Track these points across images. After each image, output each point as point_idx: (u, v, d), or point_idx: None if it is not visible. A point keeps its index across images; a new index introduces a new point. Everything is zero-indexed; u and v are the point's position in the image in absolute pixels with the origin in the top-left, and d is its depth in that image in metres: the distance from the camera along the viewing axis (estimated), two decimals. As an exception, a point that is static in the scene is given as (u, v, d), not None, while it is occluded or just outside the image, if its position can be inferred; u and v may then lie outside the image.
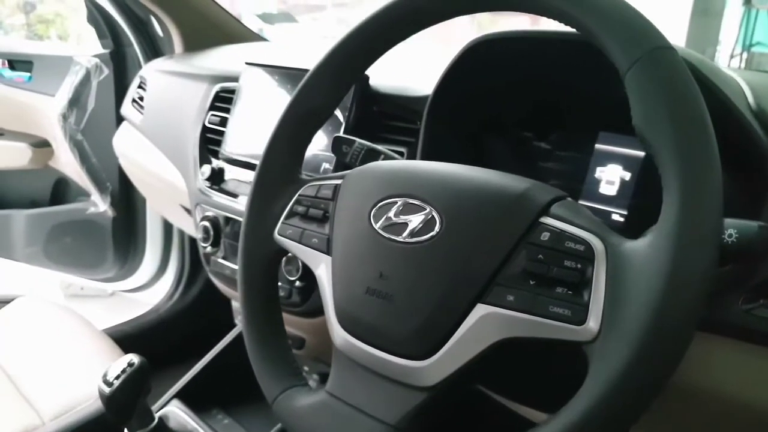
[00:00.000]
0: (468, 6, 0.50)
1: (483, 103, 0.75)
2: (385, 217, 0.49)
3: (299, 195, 0.59)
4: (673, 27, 4.85)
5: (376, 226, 0.49)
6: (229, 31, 1.50)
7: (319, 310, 0.85)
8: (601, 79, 0.65)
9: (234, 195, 0.95)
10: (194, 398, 0.99)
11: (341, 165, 0.82)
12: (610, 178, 0.67)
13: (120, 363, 0.79)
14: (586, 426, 0.38)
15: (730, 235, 0.44)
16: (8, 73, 1.70)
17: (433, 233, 0.46)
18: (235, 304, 1.06)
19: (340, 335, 0.52)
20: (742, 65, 4.73)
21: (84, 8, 1.63)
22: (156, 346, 1.59)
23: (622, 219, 0.66)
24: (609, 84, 0.65)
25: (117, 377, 0.78)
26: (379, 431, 0.47)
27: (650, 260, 0.38)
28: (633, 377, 0.37)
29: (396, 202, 0.49)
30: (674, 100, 0.39)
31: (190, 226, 1.34)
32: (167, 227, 1.76)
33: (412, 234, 0.47)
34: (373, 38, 0.56)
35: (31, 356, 1.08)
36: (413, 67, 0.91)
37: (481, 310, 0.43)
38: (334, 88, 0.59)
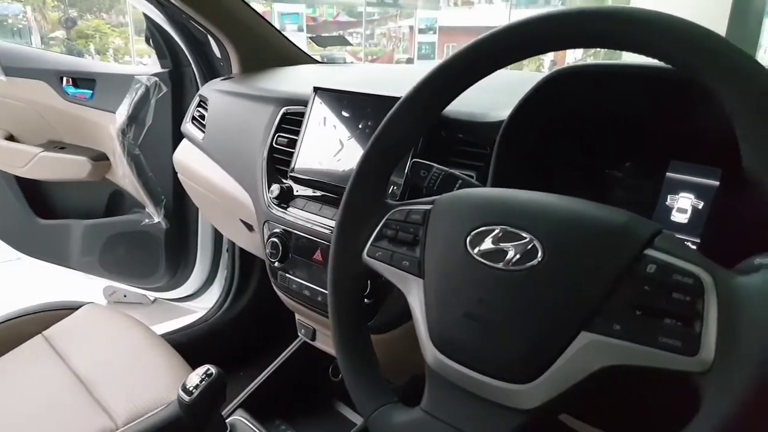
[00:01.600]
0: (567, 44, 0.52)
1: (556, 131, 0.77)
2: (482, 243, 0.52)
3: (387, 219, 0.61)
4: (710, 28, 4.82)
5: (473, 253, 0.52)
6: (284, 53, 1.56)
7: (384, 327, 0.89)
8: (673, 110, 0.68)
9: (302, 212, 0.99)
10: (257, 408, 1.02)
11: (413, 188, 0.85)
12: (682, 206, 0.69)
13: (198, 372, 0.84)
14: None
15: None
16: (72, 90, 1.78)
17: (534, 262, 0.49)
18: (299, 318, 1.10)
19: (434, 355, 0.54)
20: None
21: (121, 24, 1.70)
22: (205, 354, 1.63)
23: (694, 247, 0.67)
24: (682, 115, 0.67)
25: (196, 386, 0.82)
26: None
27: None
28: (754, 408, 0.38)
29: (494, 230, 0.52)
30: None
31: (245, 239, 1.40)
32: (217, 240, 1.82)
33: (513, 262, 0.49)
34: (462, 73, 0.58)
35: (101, 361, 1.13)
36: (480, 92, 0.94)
37: (585, 338, 0.45)
38: (420, 120, 0.62)
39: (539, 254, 0.49)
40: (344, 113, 0.98)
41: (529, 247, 0.49)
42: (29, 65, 1.79)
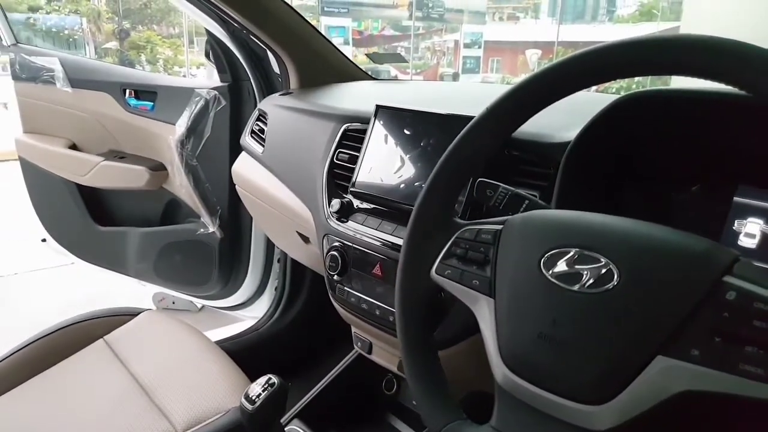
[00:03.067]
0: (643, 70, 0.53)
1: (622, 154, 0.77)
2: (557, 265, 0.52)
3: (456, 237, 0.62)
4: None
5: (547, 274, 0.52)
6: (341, 69, 1.59)
7: (444, 344, 0.89)
8: (742, 135, 0.67)
9: (361, 227, 1.00)
10: (313, 418, 1.04)
11: (473, 207, 0.86)
12: (750, 231, 0.68)
13: (260, 382, 0.85)
14: None
15: None
16: (134, 101, 1.85)
17: (609, 286, 0.49)
18: (356, 331, 1.11)
19: (504, 374, 0.55)
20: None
21: (171, 36, 1.76)
22: (256, 362, 1.66)
23: None
24: (751, 139, 0.67)
25: (258, 395, 0.84)
26: None
27: None
28: None
29: (569, 252, 0.52)
30: None
31: (298, 251, 1.42)
32: (269, 251, 1.85)
33: (588, 285, 0.50)
34: (537, 95, 0.59)
35: (160, 366, 1.16)
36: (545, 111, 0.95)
37: (662, 362, 0.45)
38: (494, 138, 0.63)
39: (615, 278, 0.49)
40: (406, 131, 0.99)
41: (605, 270, 0.50)
42: (94, 77, 1.87)
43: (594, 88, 0.62)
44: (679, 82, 0.56)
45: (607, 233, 0.52)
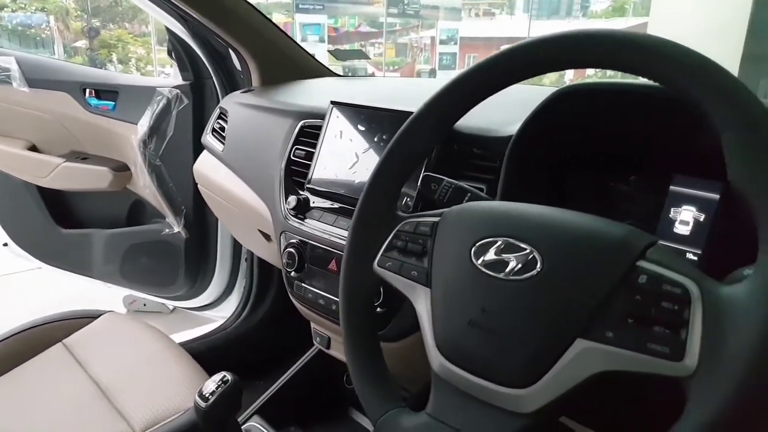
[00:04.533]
0: (570, 63, 0.54)
1: (564, 146, 0.79)
2: (485, 255, 0.54)
3: (397, 230, 0.64)
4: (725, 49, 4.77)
5: (477, 263, 0.54)
6: (303, 66, 1.58)
7: (398, 336, 0.90)
8: (677, 126, 0.69)
9: (318, 223, 1.01)
10: (273, 415, 1.04)
11: (425, 200, 0.87)
12: (685, 218, 0.70)
13: (215, 379, 0.85)
14: None
15: None
16: (95, 101, 1.82)
17: (533, 272, 0.51)
18: (315, 326, 1.11)
19: (440, 362, 0.56)
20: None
21: (144, 34, 1.74)
22: (223, 362, 1.65)
23: (695, 258, 0.69)
24: (685, 131, 0.69)
25: (213, 393, 0.83)
26: None
27: (749, 307, 0.42)
28: (733, 413, 0.40)
29: (497, 242, 0.54)
30: None
31: (263, 249, 1.42)
32: (236, 250, 1.85)
33: (513, 272, 0.52)
34: (481, 84, 0.60)
35: (120, 369, 1.15)
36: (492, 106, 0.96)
37: (581, 344, 0.48)
38: (433, 133, 0.64)
39: (538, 265, 0.51)
40: (360, 127, 1.00)
41: (529, 258, 0.51)
42: (53, 77, 1.83)
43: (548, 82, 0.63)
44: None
45: (532, 222, 0.54)
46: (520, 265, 0.52)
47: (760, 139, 0.44)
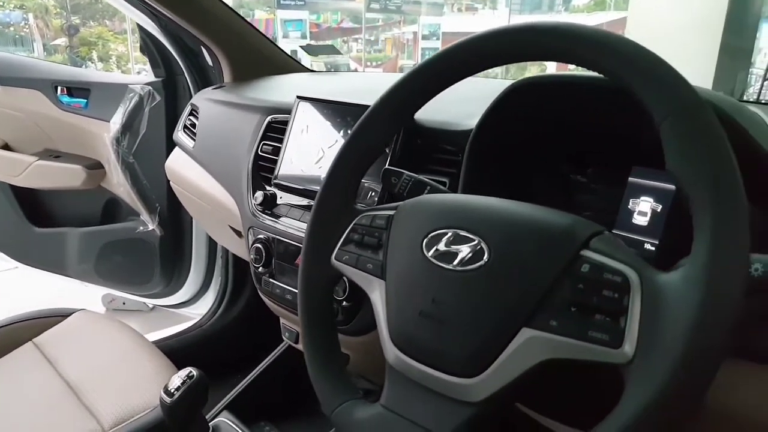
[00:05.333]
0: (523, 56, 0.55)
1: (523, 139, 0.80)
2: (436, 246, 0.54)
3: (354, 224, 0.64)
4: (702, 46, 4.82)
5: (428, 255, 0.54)
6: (276, 62, 1.58)
7: (363, 329, 0.91)
8: (633, 119, 0.70)
9: (285, 219, 1.01)
10: (243, 410, 1.04)
11: (388, 195, 0.88)
12: (643, 209, 0.71)
13: (180, 375, 0.85)
14: None
15: (756, 269, 0.49)
16: (67, 99, 1.81)
17: (481, 263, 0.51)
18: (284, 322, 1.12)
19: (393, 353, 0.57)
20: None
21: (125, 32, 1.73)
22: (199, 359, 1.64)
23: (653, 248, 0.70)
24: (641, 124, 0.70)
25: (178, 388, 0.84)
26: None
27: (684, 293, 0.43)
28: (667, 398, 0.41)
29: (447, 233, 0.54)
30: (707, 153, 0.44)
31: (236, 246, 1.42)
32: (211, 247, 1.84)
33: (462, 263, 0.52)
34: (433, 78, 0.61)
35: (90, 367, 1.15)
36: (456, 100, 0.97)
37: (526, 333, 0.48)
38: (389, 126, 0.65)
39: (486, 256, 0.51)
40: (326, 121, 1.00)
41: (477, 248, 0.52)
42: (24, 74, 1.82)
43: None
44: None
45: (480, 214, 0.55)
46: (468, 256, 0.52)
47: (693, 128, 0.45)
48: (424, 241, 0.56)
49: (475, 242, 0.52)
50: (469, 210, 0.56)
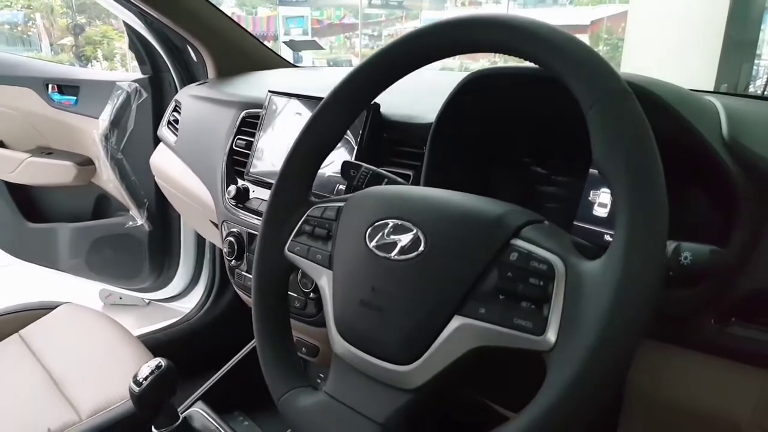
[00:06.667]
0: (461, 49, 0.56)
1: (483, 131, 0.81)
2: (378, 236, 0.55)
3: (307, 215, 0.65)
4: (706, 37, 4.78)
5: (371, 245, 0.56)
6: (260, 58, 1.60)
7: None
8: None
9: (257, 213, 1.03)
10: (217, 401, 1.06)
11: (351, 188, 0.89)
12: (603, 201, 0.72)
13: (149, 365, 0.87)
14: (544, 425, 0.43)
15: (685, 257, 0.50)
16: (57, 96, 1.83)
17: (417, 252, 0.52)
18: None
19: (337, 342, 0.58)
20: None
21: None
22: (186, 352, 1.68)
23: (611, 239, 0.71)
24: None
25: (146, 378, 0.85)
26: (369, 429, 0.53)
27: (601, 280, 0.44)
28: (582, 384, 0.42)
29: (388, 224, 0.55)
30: (626, 141, 0.45)
31: (218, 240, 1.43)
32: (200, 241, 1.86)
33: (401, 252, 0.53)
34: (380, 72, 0.62)
35: (73, 359, 1.18)
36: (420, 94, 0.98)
37: (457, 321, 0.49)
38: (343, 117, 0.66)
39: (422, 245, 0.52)
40: (296, 115, 1.02)
41: (415, 238, 0.53)
42: (15, 73, 1.84)
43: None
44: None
45: (418, 203, 0.56)
46: (407, 246, 0.53)
47: (613, 117, 0.45)
48: (368, 231, 0.57)
49: (414, 232, 0.54)
50: (409, 201, 0.57)
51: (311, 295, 0.91)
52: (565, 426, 0.43)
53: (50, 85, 1.84)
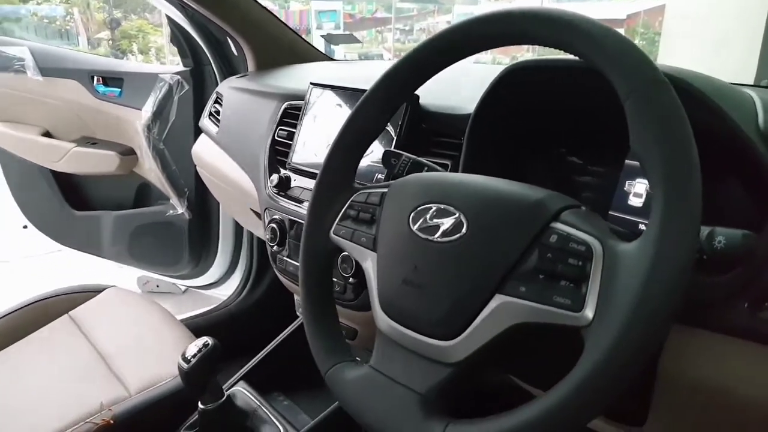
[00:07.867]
0: (505, 41, 0.59)
1: (521, 122, 0.83)
2: (421, 220, 0.59)
3: (352, 201, 0.69)
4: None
5: (414, 228, 0.59)
6: (298, 51, 1.63)
7: (369, 305, 0.95)
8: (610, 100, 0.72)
9: (298, 201, 1.06)
10: (258, 381, 1.10)
11: (391, 176, 0.92)
12: (638, 191, 0.74)
13: (197, 344, 0.92)
14: (578, 397, 0.46)
15: (719, 241, 0.52)
16: (102, 88, 1.90)
17: (460, 234, 0.55)
18: (298, 298, 1.17)
19: (382, 318, 0.61)
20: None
21: (163, 25, 1.80)
22: (225, 337, 1.72)
23: (644, 228, 0.72)
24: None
25: (194, 356, 0.90)
26: (410, 399, 0.56)
27: (636, 260, 0.46)
28: (616, 357, 0.45)
29: (431, 208, 0.59)
30: (663, 129, 0.47)
31: (258, 228, 1.48)
32: (238, 229, 1.91)
33: (444, 234, 0.56)
34: (422, 65, 0.65)
35: (120, 339, 1.23)
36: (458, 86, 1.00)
37: (498, 299, 0.52)
38: (385, 109, 0.69)
39: (464, 228, 0.55)
40: (337, 107, 1.05)
41: (457, 221, 0.56)
42: (63, 65, 1.91)
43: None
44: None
45: (460, 189, 0.59)
46: (449, 228, 0.56)
47: (650, 107, 0.47)
48: (411, 215, 0.60)
49: (456, 216, 0.56)
50: (451, 186, 0.60)
51: (350, 280, 0.94)
52: (596, 397, 0.46)
53: (95, 77, 1.90)
